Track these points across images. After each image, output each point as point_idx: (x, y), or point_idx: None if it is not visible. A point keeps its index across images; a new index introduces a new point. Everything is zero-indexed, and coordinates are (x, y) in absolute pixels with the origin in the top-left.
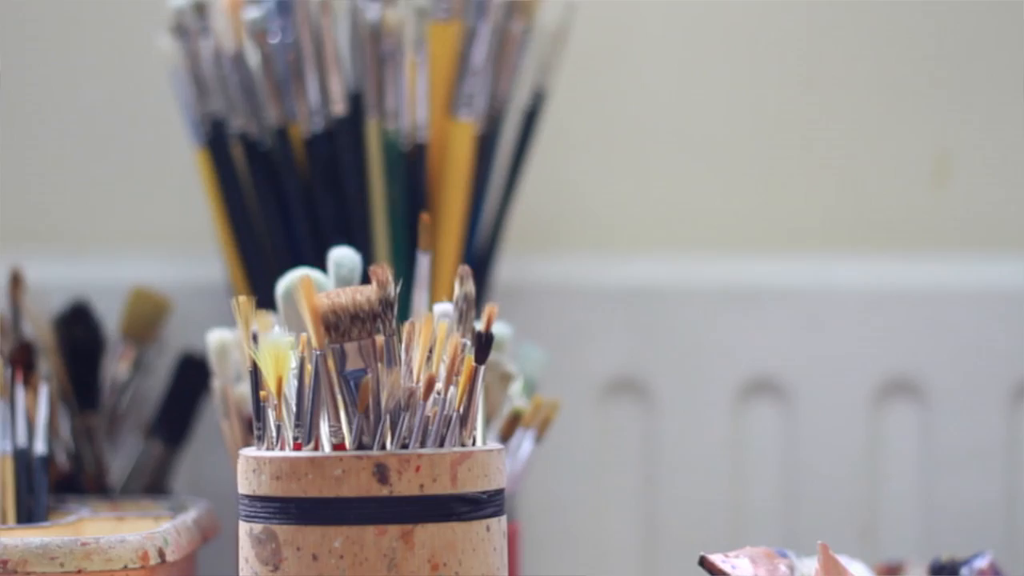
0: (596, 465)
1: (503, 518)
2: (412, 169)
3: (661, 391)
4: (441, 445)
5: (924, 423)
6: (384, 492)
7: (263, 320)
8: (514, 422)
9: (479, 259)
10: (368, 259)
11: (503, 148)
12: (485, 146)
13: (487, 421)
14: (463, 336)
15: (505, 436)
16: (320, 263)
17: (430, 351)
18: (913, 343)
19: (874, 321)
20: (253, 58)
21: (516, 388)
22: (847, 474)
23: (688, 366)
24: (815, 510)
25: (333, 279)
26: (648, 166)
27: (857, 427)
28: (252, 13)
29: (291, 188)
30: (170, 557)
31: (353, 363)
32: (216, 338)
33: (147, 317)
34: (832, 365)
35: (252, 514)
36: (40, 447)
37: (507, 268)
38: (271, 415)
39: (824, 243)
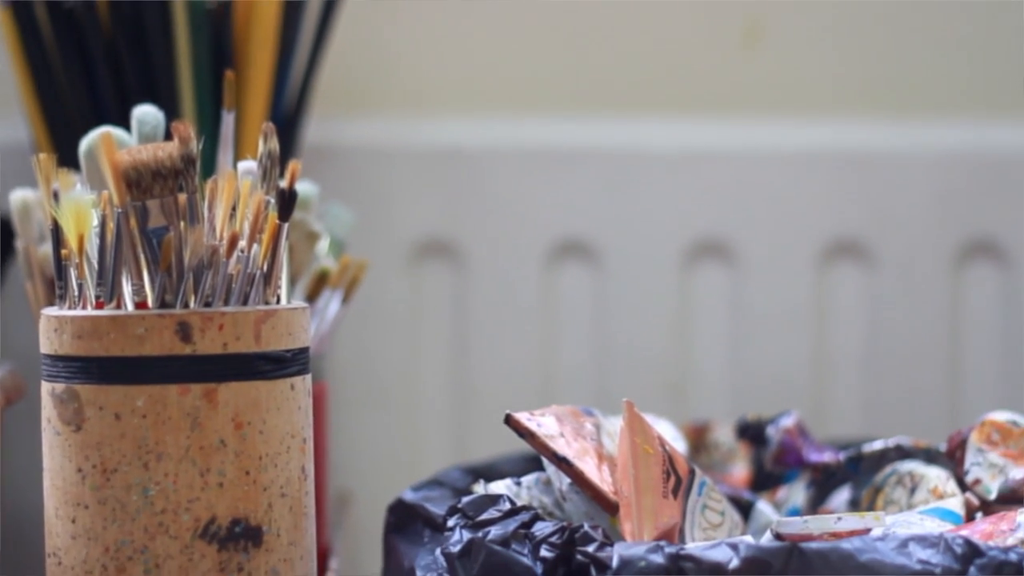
0: (407, 326)
1: (308, 377)
2: (217, 27)
3: (471, 252)
4: (245, 303)
5: (733, 284)
6: (187, 351)
7: (65, 179)
8: (321, 282)
9: (287, 119)
10: (173, 118)
11: (311, 6)
12: (292, 4)
13: (293, 280)
14: (267, 194)
15: (312, 296)
16: (125, 123)
17: (233, 209)
18: (722, 204)
19: (684, 183)
20: None
21: (323, 248)
22: (657, 335)
23: (498, 227)
24: (625, 370)
25: (136, 137)
26: (457, 27)
27: (667, 288)
28: None
29: (95, 47)
30: None
31: (155, 220)
32: (19, 198)
33: None
34: (642, 226)
35: (54, 374)
36: None
37: (316, 129)
38: (73, 274)
39: (634, 105)
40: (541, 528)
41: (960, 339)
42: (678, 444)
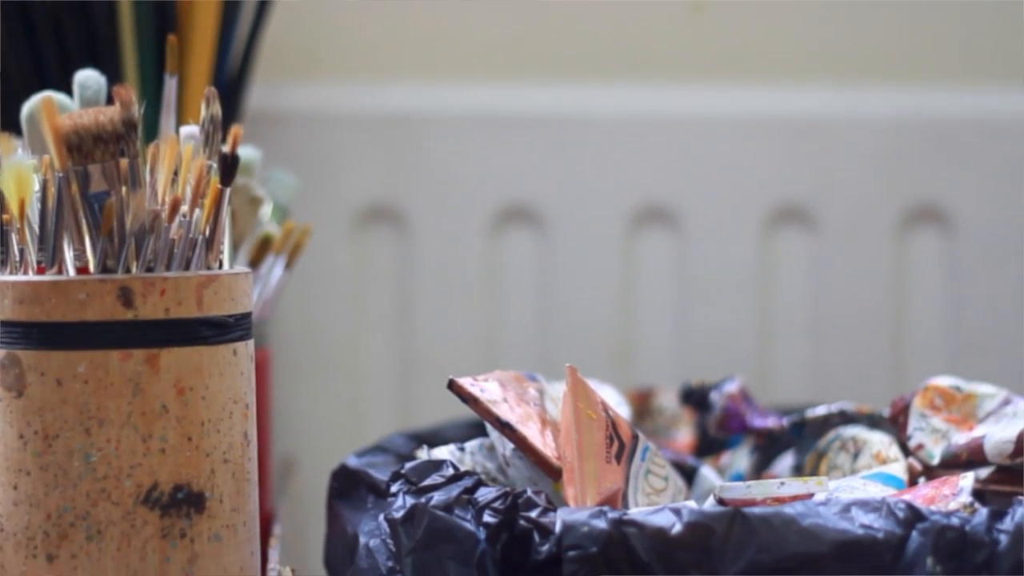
0: (351, 292)
1: (250, 342)
2: None
3: (416, 218)
4: (187, 268)
5: (678, 250)
6: (129, 316)
7: (6, 143)
8: (264, 247)
9: (230, 84)
10: (115, 82)
11: None
12: None
13: (236, 246)
14: (209, 159)
15: (255, 261)
16: (67, 88)
17: (175, 173)
18: (668, 170)
19: (629, 148)
20: None
21: (266, 213)
22: (602, 300)
23: (443, 193)
24: (570, 336)
25: (78, 101)
26: None
27: (612, 254)
28: None
29: (38, 11)
30: None
31: (97, 185)
32: None
33: None
34: (588, 192)
35: None
36: None
37: (260, 94)
38: (14, 239)
39: (580, 70)
40: (484, 494)
41: (904, 304)
42: (621, 409)
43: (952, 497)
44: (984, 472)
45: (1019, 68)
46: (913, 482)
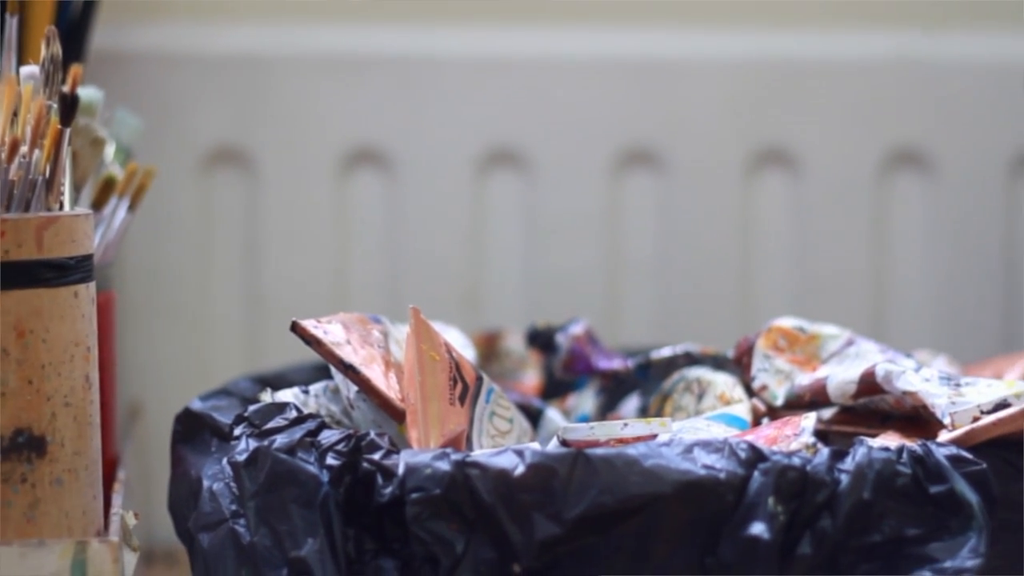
0: (197, 234)
1: (92, 284)
2: None
3: (262, 160)
4: (26, 210)
5: (526, 191)
6: None
7: None
8: (107, 189)
9: (73, 24)
10: None
11: None
12: None
13: (78, 187)
14: (49, 99)
15: (98, 203)
16: None
17: (15, 114)
18: (515, 112)
19: (477, 90)
20: None
21: (109, 154)
22: (451, 243)
23: (290, 135)
24: (419, 279)
25: None
26: None
27: (460, 196)
28: None
29: None
30: None
31: None
32: None
33: None
34: (436, 134)
35: None
36: None
37: (104, 34)
38: None
39: (427, 11)
40: (327, 436)
41: (750, 246)
42: (466, 351)
43: (794, 437)
44: (827, 413)
45: (864, 9)
46: (757, 423)
